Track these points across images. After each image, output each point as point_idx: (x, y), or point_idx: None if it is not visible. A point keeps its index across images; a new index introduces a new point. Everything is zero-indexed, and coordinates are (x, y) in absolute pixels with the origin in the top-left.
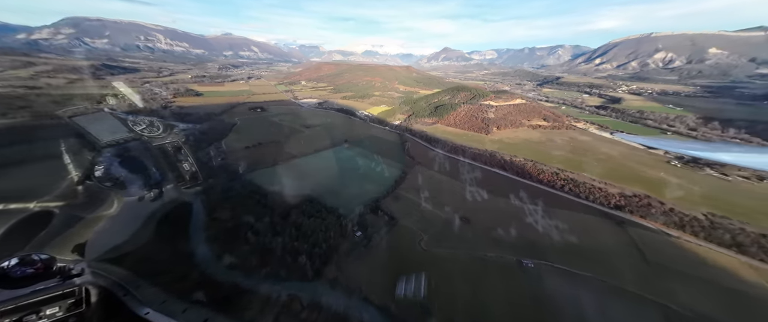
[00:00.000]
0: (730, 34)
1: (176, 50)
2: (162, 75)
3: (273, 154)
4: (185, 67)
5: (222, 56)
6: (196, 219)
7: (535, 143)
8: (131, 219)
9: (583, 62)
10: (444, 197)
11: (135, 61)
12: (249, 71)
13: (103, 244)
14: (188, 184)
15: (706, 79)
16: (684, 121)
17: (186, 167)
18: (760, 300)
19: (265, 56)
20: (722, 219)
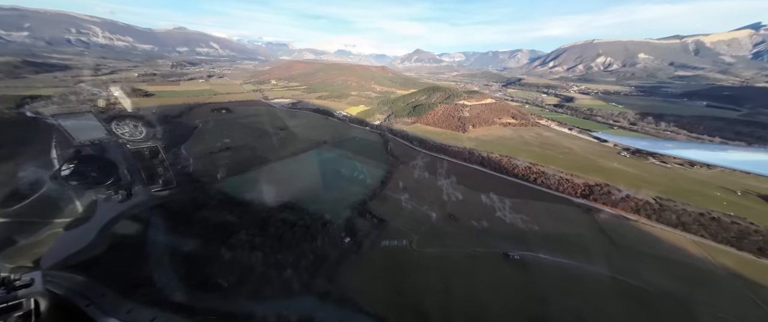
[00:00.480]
0: (654, 42)
1: (118, 45)
2: (101, 73)
3: (244, 159)
4: (130, 65)
5: (175, 53)
6: (155, 238)
7: (507, 140)
8: (96, 222)
9: (539, 65)
10: (430, 196)
11: (65, 57)
12: (209, 69)
13: (62, 250)
14: (160, 186)
15: (638, 80)
16: (626, 117)
17: (160, 169)
18: (705, 272)
19: (226, 53)
20: (668, 202)
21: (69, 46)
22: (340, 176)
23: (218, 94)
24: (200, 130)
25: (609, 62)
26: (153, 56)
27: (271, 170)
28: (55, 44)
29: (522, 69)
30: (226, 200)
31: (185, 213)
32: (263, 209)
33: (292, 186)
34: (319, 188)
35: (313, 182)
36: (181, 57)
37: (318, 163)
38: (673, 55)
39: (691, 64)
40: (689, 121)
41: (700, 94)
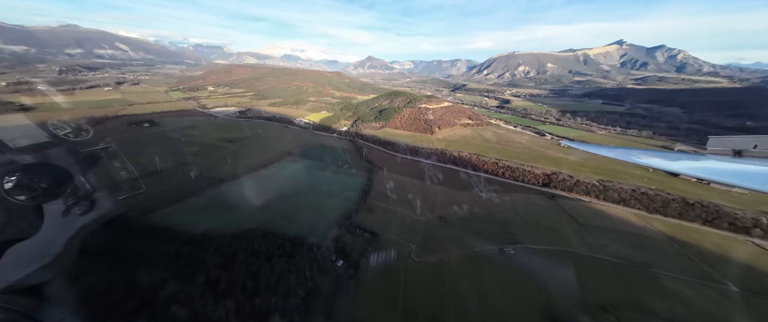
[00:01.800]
0: (556, 54)
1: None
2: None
3: (185, 182)
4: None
5: (63, 55)
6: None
7: (470, 139)
8: (53, 238)
9: (476, 73)
10: (416, 200)
11: None
12: (118, 75)
13: (15, 270)
14: (127, 193)
15: (550, 85)
16: (552, 114)
17: (124, 175)
18: (648, 238)
19: (141, 56)
20: (608, 182)
21: None
22: (316, 189)
23: (135, 104)
24: (113, 151)
25: (527, 71)
26: (29, 60)
27: (224, 191)
28: None
29: (463, 76)
30: (167, 237)
31: (102, 267)
32: (225, 241)
33: (259, 208)
34: (294, 206)
35: (285, 200)
36: (73, 61)
37: (286, 177)
38: (570, 64)
39: (583, 72)
40: (595, 116)
41: (595, 94)
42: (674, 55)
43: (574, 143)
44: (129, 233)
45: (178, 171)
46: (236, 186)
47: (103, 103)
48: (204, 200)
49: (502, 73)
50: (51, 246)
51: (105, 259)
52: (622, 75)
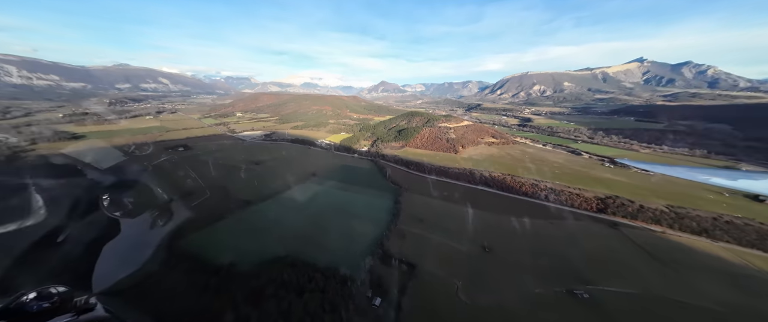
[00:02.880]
0: (572, 73)
1: (38, 85)
2: (10, 117)
3: (213, 205)
4: (53, 105)
5: (114, 90)
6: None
7: (499, 158)
8: (140, 247)
9: (489, 93)
10: (451, 225)
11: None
12: (158, 105)
13: (111, 274)
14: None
15: (570, 103)
16: (582, 133)
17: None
18: (752, 278)
19: (179, 88)
20: (679, 209)
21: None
22: (342, 212)
23: (172, 130)
24: (148, 175)
25: (543, 89)
26: (84, 95)
27: (251, 214)
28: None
29: (475, 96)
30: (193, 267)
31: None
32: (252, 270)
33: (283, 233)
34: (322, 230)
35: (312, 223)
36: (122, 94)
37: (312, 199)
38: (588, 82)
39: (604, 89)
40: (631, 133)
41: (624, 111)
42: (703, 71)
43: (633, 162)
44: (155, 260)
45: (209, 193)
46: (263, 208)
47: (144, 130)
48: (232, 223)
49: (516, 93)
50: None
51: (135, 290)
52: (647, 92)
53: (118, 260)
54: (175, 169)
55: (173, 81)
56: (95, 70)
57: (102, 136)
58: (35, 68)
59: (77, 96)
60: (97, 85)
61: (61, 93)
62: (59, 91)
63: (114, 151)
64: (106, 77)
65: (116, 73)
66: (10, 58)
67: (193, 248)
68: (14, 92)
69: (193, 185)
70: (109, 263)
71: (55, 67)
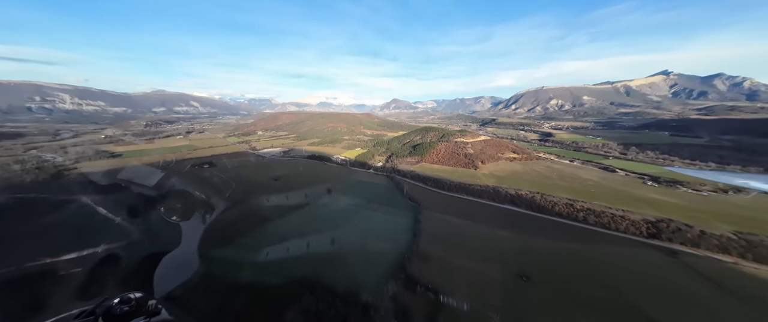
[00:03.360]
0: (591, 87)
1: (87, 110)
2: (60, 138)
3: (233, 221)
4: (97, 127)
5: (150, 113)
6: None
7: (523, 174)
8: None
9: (503, 108)
10: (479, 248)
11: (20, 125)
12: (188, 126)
13: (170, 280)
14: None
15: (592, 117)
16: (611, 148)
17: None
18: None
19: (207, 110)
20: (750, 235)
21: (28, 113)
22: (360, 230)
23: (199, 148)
24: (174, 191)
25: (561, 104)
26: (124, 118)
27: (269, 232)
28: (12, 113)
29: (488, 112)
30: (213, 286)
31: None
32: (269, 293)
33: (303, 252)
34: (340, 250)
35: (329, 243)
36: (157, 117)
37: (328, 216)
38: (609, 96)
39: (628, 103)
40: (669, 149)
41: (655, 125)
42: (739, 83)
43: (694, 170)
44: (192, 290)
45: (230, 208)
46: (281, 225)
47: (174, 149)
48: (250, 241)
49: (532, 108)
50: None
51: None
52: (678, 105)
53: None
54: (198, 184)
55: (203, 104)
56: (136, 96)
57: (136, 155)
58: (85, 96)
59: (119, 119)
60: (136, 109)
61: (106, 117)
62: (104, 115)
63: (144, 168)
64: (145, 102)
65: (154, 98)
66: (65, 87)
67: (214, 264)
68: (66, 117)
69: (213, 201)
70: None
71: (102, 94)
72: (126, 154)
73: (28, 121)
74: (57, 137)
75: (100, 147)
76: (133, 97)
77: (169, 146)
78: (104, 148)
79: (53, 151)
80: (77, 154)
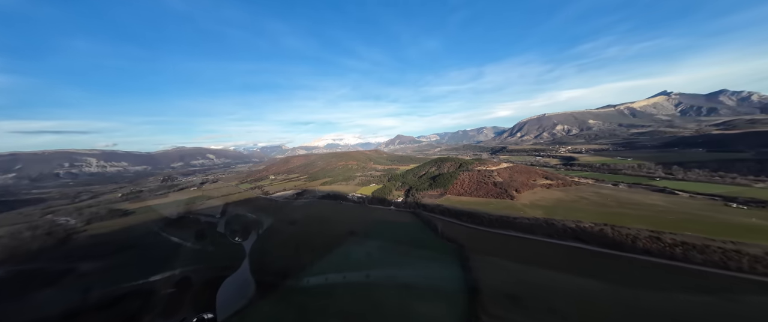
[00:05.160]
0: (595, 111)
1: (110, 171)
2: (79, 200)
3: (243, 282)
4: (116, 187)
5: (169, 169)
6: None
7: (572, 203)
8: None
9: (508, 136)
10: (565, 308)
11: (46, 190)
12: (202, 177)
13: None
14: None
15: (605, 139)
16: (651, 168)
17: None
18: None
19: (221, 161)
20: None
21: (56, 179)
22: (398, 285)
23: (211, 198)
24: (181, 249)
25: (568, 129)
26: (144, 175)
27: (293, 290)
28: (41, 180)
29: (494, 141)
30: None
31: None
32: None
33: (335, 317)
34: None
35: (364, 303)
36: (174, 171)
37: (356, 266)
38: (615, 118)
39: (638, 124)
40: (719, 166)
41: (681, 143)
42: (746, 98)
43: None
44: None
45: (241, 269)
46: (303, 282)
47: (186, 202)
48: (270, 307)
49: (538, 134)
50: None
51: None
52: (691, 123)
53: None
54: (210, 239)
55: (218, 155)
56: (157, 154)
57: (148, 211)
58: (110, 158)
59: (139, 177)
60: (156, 166)
61: (126, 176)
62: (125, 174)
63: (153, 224)
64: (164, 159)
65: (173, 154)
66: (93, 151)
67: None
68: (89, 179)
69: (225, 259)
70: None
71: (126, 155)
72: (139, 210)
73: (53, 187)
74: (76, 200)
75: (114, 206)
76: (154, 155)
77: (181, 199)
78: (118, 207)
79: (68, 213)
80: (90, 215)
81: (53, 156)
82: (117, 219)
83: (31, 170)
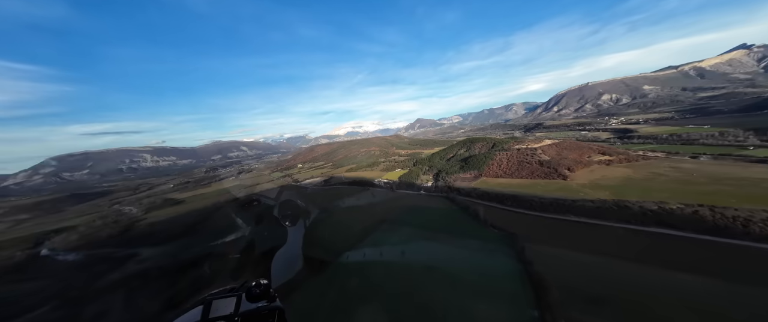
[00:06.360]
0: (651, 75)
1: (161, 165)
2: (139, 192)
3: (290, 271)
4: (168, 179)
5: (210, 161)
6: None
7: (644, 181)
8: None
9: (543, 111)
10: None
11: (112, 184)
12: (238, 168)
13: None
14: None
15: (666, 107)
16: (739, 136)
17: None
18: None
19: (254, 152)
20: None
21: (120, 174)
22: (445, 279)
23: (247, 187)
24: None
25: (617, 98)
26: (190, 168)
27: (328, 282)
28: (108, 175)
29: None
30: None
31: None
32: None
33: (376, 317)
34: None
35: (408, 297)
36: (214, 163)
37: (394, 257)
38: (677, 82)
39: (707, 86)
40: None
41: None
42: None
43: None
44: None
45: (280, 256)
46: (340, 274)
47: (228, 190)
48: (307, 300)
49: (580, 107)
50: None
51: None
52: None
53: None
54: (246, 223)
55: (250, 148)
56: (199, 148)
57: (196, 200)
58: (161, 153)
59: (186, 169)
60: (199, 159)
61: (175, 169)
62: (174, 167)
63: (202, 212)
64: (205, 152)
65: (212, 148)
66: (146, 148)
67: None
68: (146, 173)
69: (260, 243)
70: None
71: (173, 150)
72: (188, 199)
73: (118, 180)
74: (136, 192)
75: (167, 195)
76: (196, 149)
77: (223, 188)
78: (170, 197)
79: (131, 204)
80: (148, 205)
81: (116, 154)
82: (170, 207)
83: (99, 166)
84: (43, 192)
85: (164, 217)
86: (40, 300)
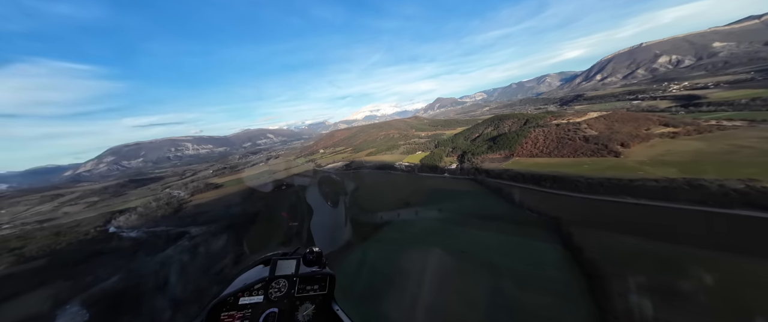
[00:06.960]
0: (723, 29)
1: (202, 153)
2: (185, 177)
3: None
4: (208, 165)
5: (241, 148)
6: None
7: (725, 155)
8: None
9: (583, 81)
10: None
11: (163, 170)
12: (267, 154)
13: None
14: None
15: (743, 67)
16: None
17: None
18: None
19: (279, 140)
20: None
21: (168, 161)
22: (484, 267)
23: (277, 172)
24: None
25: (677, 60)
26: (225, 155)
27: (353, 267)
28: (159, 163)
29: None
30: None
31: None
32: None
33: (410, 308)
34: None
35: (439, 286)
36: (245, 150)
37: (421, 241)
38: (757, 35)
39: None
40: None
41: None
42: None
43: None
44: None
45: (303, 235)
46: (365, 259)
47: (259, 176)
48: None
49: (629, 73)
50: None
51: None
52: None
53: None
54: (279, 207)
55: (276, 135)
56: (231, 137)
57: (232, 184)
58: (200, 142)
59: (222, 157)
60: (232, 146)
61: (213, 156)
62: (212, 155)
63: (238, 194)
64: (237, 140)
65: (242, 136)
66: (188, 137)
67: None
68: (190, 160)
69: (291, 230)
70: None
71: (210, 139)
72: (226, 184)
73: (168, 167)
74: (183, 177)
75: (208, 180)
76: (229, 137)
77: (254, 173)
78: (211, 181)
79: (179, 188)
80: (193, 189)
81: (163, 143)
82: (212, 191)
83: (151, 154)
84: (109, 178)
85: (207, 200)
86: (110, 271)
